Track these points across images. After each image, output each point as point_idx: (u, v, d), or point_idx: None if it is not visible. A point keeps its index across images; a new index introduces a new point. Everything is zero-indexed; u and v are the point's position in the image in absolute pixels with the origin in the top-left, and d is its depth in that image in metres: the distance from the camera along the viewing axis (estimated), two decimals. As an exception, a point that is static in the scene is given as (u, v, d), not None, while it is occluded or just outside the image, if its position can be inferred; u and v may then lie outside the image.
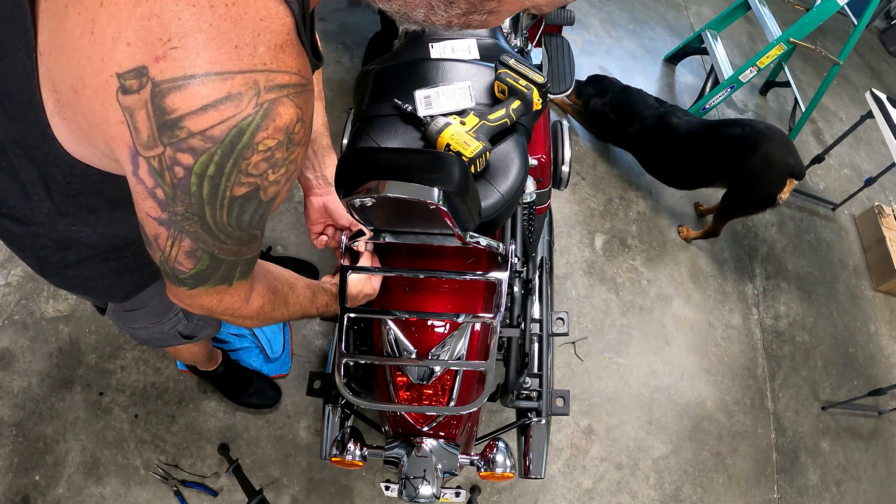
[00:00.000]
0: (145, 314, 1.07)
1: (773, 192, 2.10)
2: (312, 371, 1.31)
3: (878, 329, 2.52)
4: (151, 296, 1.02)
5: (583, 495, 1.81)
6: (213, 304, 0.72)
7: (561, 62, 1.81)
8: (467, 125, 1.05)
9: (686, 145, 2.29)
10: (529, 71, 1.09)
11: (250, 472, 1.66)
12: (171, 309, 1.09)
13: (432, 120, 1.05)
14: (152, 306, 1.05)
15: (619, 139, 2.54)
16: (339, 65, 2.58)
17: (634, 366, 2.09)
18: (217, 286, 0.69)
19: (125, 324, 1.11)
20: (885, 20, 4.18)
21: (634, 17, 3.37)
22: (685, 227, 2.48)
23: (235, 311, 0.76)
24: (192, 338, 1.23)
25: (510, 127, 1.10)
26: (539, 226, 1.60)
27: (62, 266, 0.86)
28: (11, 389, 1.70)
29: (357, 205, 0.89)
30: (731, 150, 2.15)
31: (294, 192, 2.18)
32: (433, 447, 1.08)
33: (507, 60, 1.10)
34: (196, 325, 1.20)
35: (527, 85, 1.08)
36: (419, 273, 1.06)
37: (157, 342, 1.21)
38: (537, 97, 1.09)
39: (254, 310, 0.78)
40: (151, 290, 1.00)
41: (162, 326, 1.12)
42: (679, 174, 2.39)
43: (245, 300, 0.76)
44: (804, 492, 2.00)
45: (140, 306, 1.04)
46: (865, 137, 3.26)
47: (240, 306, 0.76)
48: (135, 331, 1.13)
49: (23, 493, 1.56)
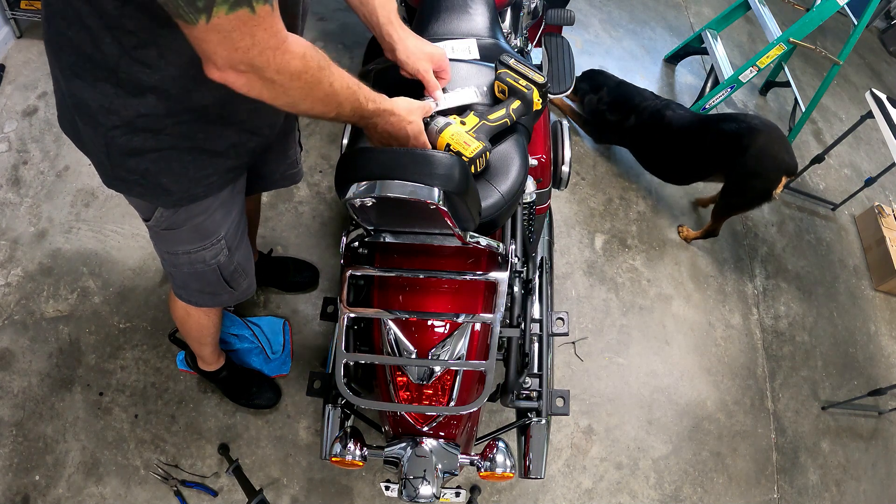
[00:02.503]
0: (190, 233, 1.08)
1: (769, 188, 2.12)
2: (312, 371, 1.31)
3: (878, 329, 2.52)
4: (199, 211, 1.05)
5: (583, 495, 1.81)
6: (248, 43, 0.68)
7: (561, 62, 1.81)
8: (467, 125, 1.05)
9: (681, 139, 2.30)
10: (530, 71, 1.09)
11: (250, 472, 1.66)
12: (215, 233, 1.11)
13: (432, 120, 1.06)
14: (197, 224, 1.07)
15: (616, 136, 2.54)
16: (339, 65, 2.58)
17: (634, 366, 2.09)
18: (236, 9, 0.65)
19: (168, 247, 1.13)
20: (885, 20, 4.18)
21: (634, 17, 3.37)
22: (685, 228, 2.49)
23: (276, 54, 0.71)
24: (230, 285, 1.23)
25: (510, 127, 1.10)
26: (539, 226, 1.60)
27: (127, 153, 0.90)
28: (11, 389, 1.70)
29: (357, 205, 0.89)
30: (726, 146, 2.15)
31: (294, 193, 2.19)
32: (433, 447, 1.08)
33: (507, 60, 1.09)
34: (235, 268, 1.21)
35: (527, 85, 1.08)
36: (419, 273, 1.06)
37: (196, 283, 1.22)
38: (537, 97, 1.09)
39: (297, 56, 0.74)
40: (201, 204, 1.04)
41: (205, 253, 1.13)
42: (675, 168, 2.39)
43: (281, 37, 0.71)
44: (804, 492, 2.00)
45: (187, 221, 1.06)
46: (865, 137, 3.26)
47: (277, 45, 0.71)
48: (177, 257, 1.14)
49: (23, 493, 1.56)
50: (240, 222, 1.18)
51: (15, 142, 2.14)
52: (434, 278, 1.07)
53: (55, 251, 1.94)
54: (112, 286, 1.90)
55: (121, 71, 0.81)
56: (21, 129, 2.16)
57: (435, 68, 1.09)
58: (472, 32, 1.35)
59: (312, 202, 2.19)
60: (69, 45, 0.82)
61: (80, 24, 0.77)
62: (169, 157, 0.93)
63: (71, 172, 2.10)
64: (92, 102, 0.85)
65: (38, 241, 1.95)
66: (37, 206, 2.01)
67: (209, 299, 1.29)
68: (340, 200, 0.92)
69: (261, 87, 0.75)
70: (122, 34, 0.77)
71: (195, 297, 1.28)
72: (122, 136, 0.88)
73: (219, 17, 0.65)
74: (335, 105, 0.85)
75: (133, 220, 2.03)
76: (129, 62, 0.80)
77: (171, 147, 0.92)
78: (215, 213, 1.09)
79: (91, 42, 0.78)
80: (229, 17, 0.65)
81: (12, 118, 2.18)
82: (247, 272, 1.28)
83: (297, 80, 0.76)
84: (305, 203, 2.19)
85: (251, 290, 1.33)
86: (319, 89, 0.81)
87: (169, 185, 0.97)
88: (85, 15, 0.76)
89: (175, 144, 0.92)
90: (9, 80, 2.27)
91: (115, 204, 2.05)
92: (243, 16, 0.66)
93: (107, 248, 1.96)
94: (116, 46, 0.78)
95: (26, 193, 2.03)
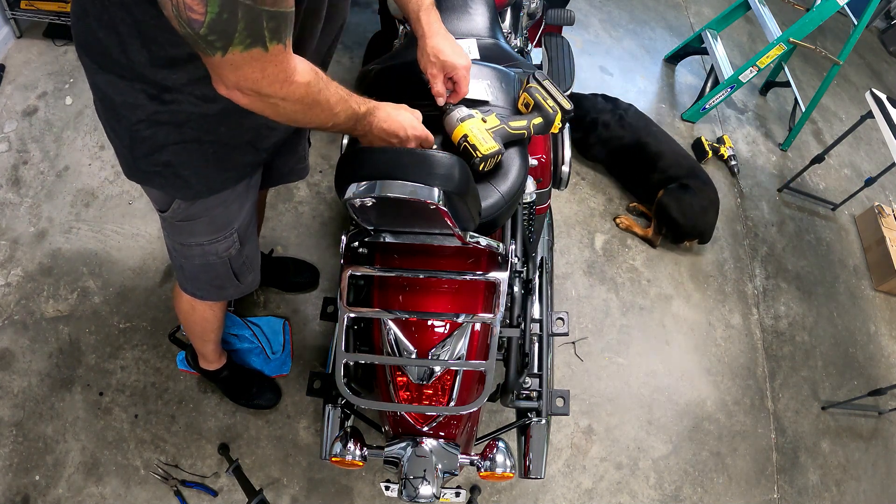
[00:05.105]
0: (205, 225, 1.10)
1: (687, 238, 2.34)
2: (312, 371, 1.31)
3: (878, 329, 2.52)
4: (216, 204, 1.06)
5: (583, 495, 1.81)
6: (257, 76, 0.73)
7: (561, 62, 1.82)
8: (487, 124, 1.05)
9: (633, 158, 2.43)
10: (559, 94, 1.10)
11: (250, 472, 1.66)
12: (230, 225, 1.13)
13: (455, 107, 1.05)
14: (213, 216, 1.09)
15: (589, 152, 2.57)
16: (339, 65, 2.59)
17: (634, 366, 2.09)
18: (251, 49, 0.70)
19: (183, 238, 1.14)
20: (885, 20, 4.18)
21: (634, 17, 3.37)
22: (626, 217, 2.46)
23: (283, 86, 0.76)
24: (238, 278, 1.25)
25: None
26: (539, 226, 1.60)
27: (150, 145, 0.92)
28: (11, 389, 1.70)
29: (357, 205, 0.89)
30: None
31: (294, 193, 2.19)
32: (433, 447, 1.08)
33: (541, 78, 1.11)
34: (245, 261, 1.23)
35: (553, 106, 1.08)
36: (419, 273, 1.06)
37: (205, 275, 1.23)
38: (559, 121, 1.09)
39: (302, 86, 0.79)
40: (219, 197, 1.05)
41: (218, 246, 1.15)
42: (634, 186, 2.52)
43: (289, 71, 0.76)
44: (804, 492, 2.00)
45: (202, 214, 1.07)
46: (865, 137, 3.26)
47: (285, 78, 0.76)
48: (189, 249, 1.15)
49: (23, 493, 1.56)
50: (252, 215, 1.20)
51: (15, 142, 2.14)
52: (434, 278, 1.07)
53: (55, 251, 1.94)
54: (112, 286, 1.90)
55: (147, 74, 0.84)
56: (21, 129, 2.17)
57: (448, 75, 1.09)
58: (473, 32, 1.35)
59: (312, 202, 2.19)
60: (98, 45, 0.84)
61: (112, 28, 0.80)
62: (191, 149, 0.95)
63: (71, 172, 2.10)
64: (117, 97, 0.88)
65: (38, 241, 1.95)
66: (37, 206, 2.01)
67: (216, 292, 1.30)
68: (340, 200, 0.92)
69: (262, 108, 0.80)
70: (152, 43, 0.80)
71: (202, 290, 1.29)
72: (146, 129, 0.90)
73: (233, 53, 0.69)
74: (331, 116, 0.89)
75: (133, 220, 2.03)
76: (155, 69, 0.83)
77: (195, 140, 0.94)
78: (231, 206, 1.10)
79: (119, 46, 0.81)
80: (243, 54, 0.70)
81: (12, 118, 2.18)
82: (253, 266, 1.30)
83: (299, 103, 0.81)
84: (305, 203, 2.19)
85: (255, 283, 1.35)
86: (318, 107, 0.85)
87: (189, 177, 0.99)
88: (118, 21, 0.79)
89: (198, 137, 0.94)
90: (9, 80, 2.27)
91: (115, 204, 2.05)
92: (256, 54, 0.71)
93: (107, 248, 1.96)
94: (145, 54, 0.81)
95: (26, 193, 2.03)
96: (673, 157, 2.37)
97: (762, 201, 2.74)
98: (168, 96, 0.87)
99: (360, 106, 0.93)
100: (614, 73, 3.02)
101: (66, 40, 2.39)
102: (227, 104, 0.80)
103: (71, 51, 2.37)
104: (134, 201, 2.06)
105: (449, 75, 1.08)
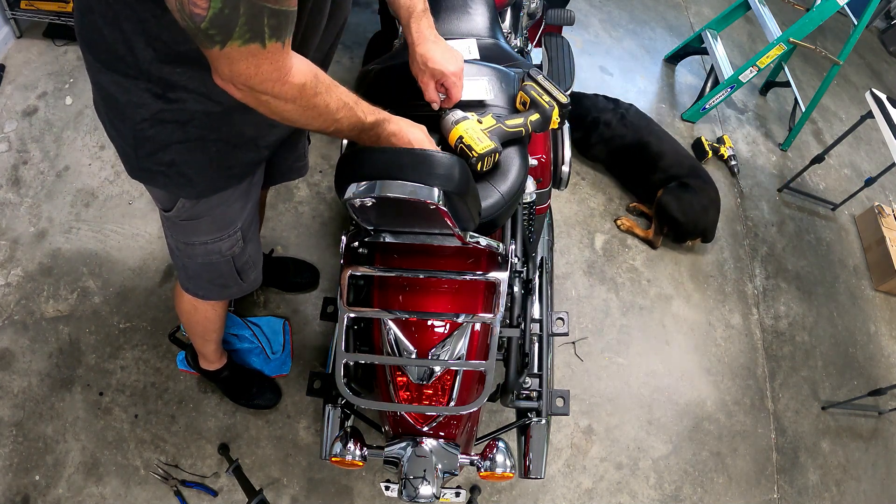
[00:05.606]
0: (209, 223, 1.10)
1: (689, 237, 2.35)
2: (312, 371, 1.31)
3: (878, 329, 2.52)
4: (219, 202, 1.07)
5: (583, 495, 1.81)
6: (251, 72, 0.73)
7: (561, 62, 1.82)
8: (483, 124, 1.05)
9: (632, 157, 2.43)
10: (555, 89, 1.10)
11: (250, 472, 1.66)
12: (233, 224, 1.13)
13: (449, 111, 1.05)
14: (216, 215, 1.09)
15: (590, 152, 2.56)
16: (339, 65, 2.59)
17: (634, 366, 2.09)
18: (248, 44, 0.70)
19: (186, 237, 1.14)
20: (885, 20, 4.18)
21: (634, 17, 3.37)
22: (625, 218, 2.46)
23: (276, 84, 0.76)
24: (241, 276, 1.25)
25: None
26: (539, 226, 1.60)
27: (154, 144, 0.92)
28: (11, 389, 1.70)
29: (357, 205, 0.89)
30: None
31: (294, 193, 2.19)
32: (433, 447, 1.08)
33: (536, 75, 1.11)
34: (247, 259, 1.24)
35: (549, 101, 1.08)
36: (419, 273, 1.06)
37: (208, 274, 1.23)
38: (556, 115, 1.09)
39: (296, 87, 0.78)
40: (222, 195, 1.06)
41: (221, 244, 1.15)
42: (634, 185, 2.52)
43: (284, 71, 0.76)
44: (804, 492, 2.00)
45: (205, 213, 1.07)
46: (865, 137, 3.26)
47: (279, 77, 0.76)
48: (193, 248, 1.15)
49: (23, 493, 1.56)
50: (254, 214, 1.20)
51: (15, 142, 2.14)
52: (434, 278, 1.07)
53: (55, 251, 1.94)
54: (112, 286, 1.90)
55: (152, 71, 0.84)
56: (21, 129, 2.17)
57: (440, 81, 1.08)
58: (472, 32, 1.35)
59: (312, 202, 2.20)
60: (102, 42, 0.84)
61: (117, 25, 0.80)
62: (195, 148, 0.95)
63: (71, 172, 2.10)
64: (121, 97, 0.88)
65: (38, 241, 1.95)
66: (37, 206, 2.01)
67: (218, 292, 1.30)
68: (340, 200, 0.92)
69: (256, 104, 0.80)
70: (156, 41, 0.80)
71: (204, 289, 1.29)
72: (150, 128, 0.90)
73: (231, 47, 0.70)
74: (332, 122, 0.88)
75: (133, 220, 2.03)
76: (160, 66, 0.83)
77: (199, 138, 0.94)
78: (234, 204, 1.10)
79: (124, 43, 0.82)
80: (241, 49, 0.70)
81: (12, 118, 2.18)
82: (256, 264, 1.30)
83: (292, 103, 0.81)
84: (305, 203, 2.19)
85: (257, 282, 1.35)
86: (314, 111, 0.84)
87: (193, 176, 0.99)
88: (123, 18, 0.79)
89: (202, 135, 0.94)
90: (9, 80, 2.27)
91: (115, 204, 2.05)
92: (254, 49, 0.71)
93: (107, 248, 1.96)
94: (150, 52, 0.81)
95: (26, 193, 2.03)
96: (674, 156, 2.37)
97: (762, 201, 2.74)
98: (173, 94, 0.87)
99: (367, 115, 0.91)
100: (614, 73, 3.02)
101: (66, 40, 2.39)
102: (231, 102, 0.80)
103: (71, 51, 2.38)
104: (134, 201, 2.06)
105: (439, 81, 1.08)
